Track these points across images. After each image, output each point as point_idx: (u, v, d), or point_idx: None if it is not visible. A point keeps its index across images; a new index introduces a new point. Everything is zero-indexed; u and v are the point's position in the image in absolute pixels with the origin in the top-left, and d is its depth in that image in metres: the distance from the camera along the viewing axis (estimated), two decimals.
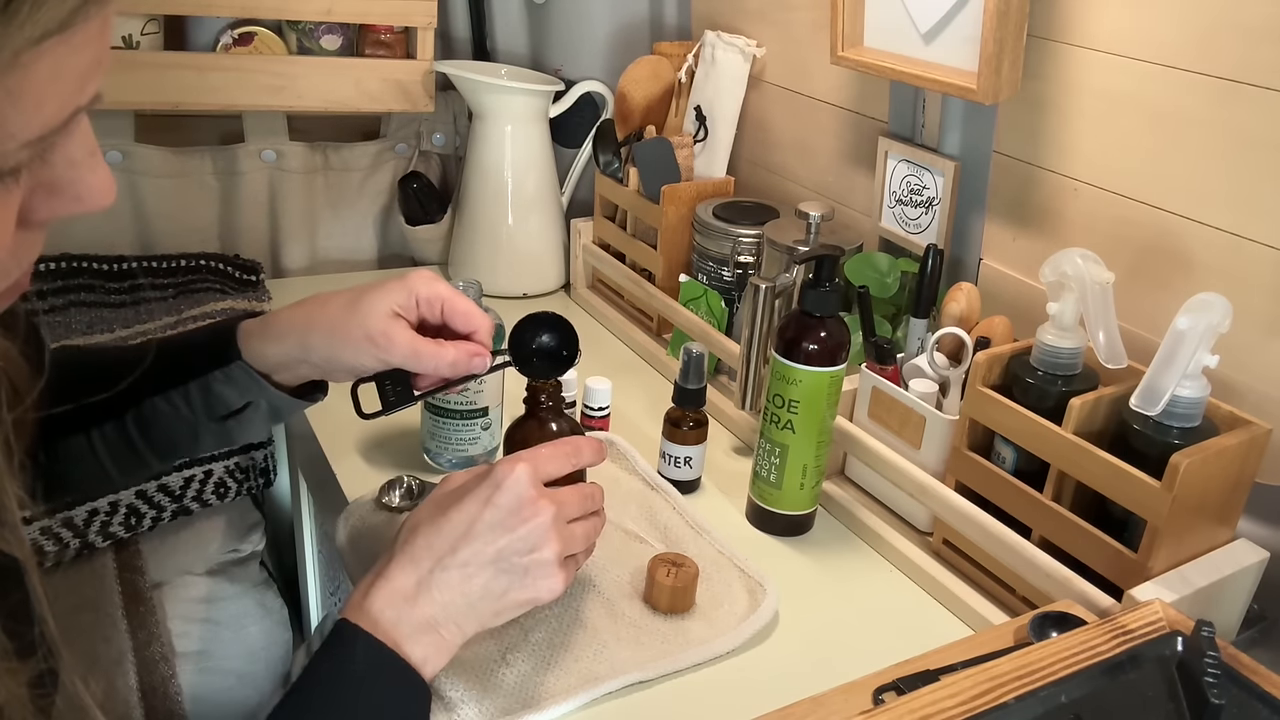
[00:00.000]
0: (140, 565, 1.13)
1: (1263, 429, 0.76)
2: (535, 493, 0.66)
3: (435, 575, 0.63)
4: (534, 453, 0.69)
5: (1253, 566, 0.78)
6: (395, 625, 0.62)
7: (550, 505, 0.67)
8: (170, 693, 1.10)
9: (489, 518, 0.65)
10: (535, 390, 0.78)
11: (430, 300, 0.74)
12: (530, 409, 0.78)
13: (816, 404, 0.87)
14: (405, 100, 1.40)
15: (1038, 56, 0.93)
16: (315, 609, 1.32)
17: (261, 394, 0.73)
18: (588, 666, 0.75)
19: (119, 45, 1.25)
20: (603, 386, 1.04)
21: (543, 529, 0.66)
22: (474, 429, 0.97)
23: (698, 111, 1.32)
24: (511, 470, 0.66)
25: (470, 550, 0.64)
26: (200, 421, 0.73)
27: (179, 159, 1.35)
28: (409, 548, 0.65)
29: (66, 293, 1.22)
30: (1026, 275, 1.00)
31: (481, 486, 0.66)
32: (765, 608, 0.81)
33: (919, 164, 1.06)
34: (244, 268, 1.30)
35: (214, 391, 0.72)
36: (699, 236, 1.20)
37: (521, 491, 0.66)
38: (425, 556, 0.64)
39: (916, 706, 0.59)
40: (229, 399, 0.73)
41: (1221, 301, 0.73)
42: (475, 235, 1.40)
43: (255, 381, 0.72)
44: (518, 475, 0.66)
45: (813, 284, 0.86)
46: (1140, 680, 0.65)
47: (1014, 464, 0.85)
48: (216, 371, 0.72)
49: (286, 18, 1.33)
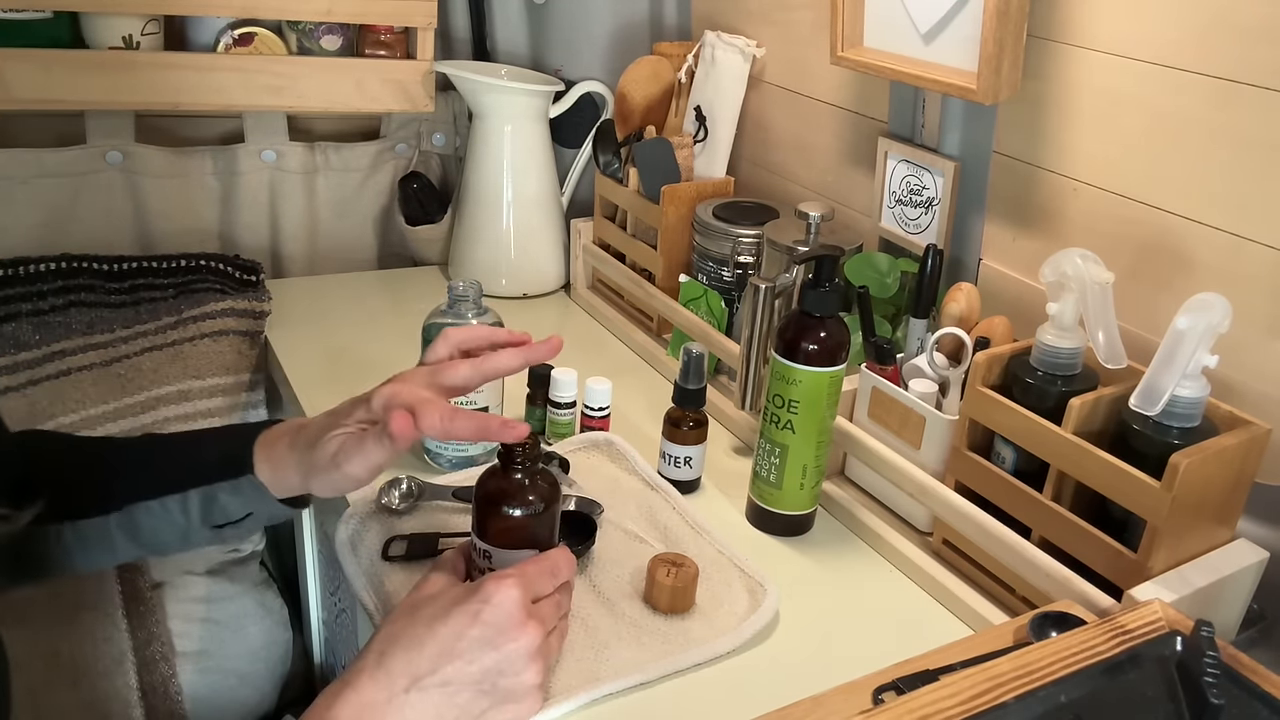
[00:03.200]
0: (140, 565, 1.13)
1: (1262, 429, 0.76)
2: (524, 614, 0.63)
3: (411, 695, 0.60)
4: (523, 571, 0.66)
5: (1252, 566, 0.78)
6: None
7: (540, 630, 0.64)
8: (170, 692, 1.10)
9: (476, 634, 0.62)
10: (510, 447, 0.73)
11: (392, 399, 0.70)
12: (505, 464, 0.74)
13: (816, 404, 0.87)
14: (405, 100, 1.40)
15: (1038, 56, 0.93)
16: (315, 609, 1.32)
17: (263, 506, 0.71)
18: (588, 667, 0.75)
19: (119, 45, 1.25)
20: (603, 387, 1.04)
21: (530, 652, 0.63)
22: None
23: (698, 111, 1.32)
24: (500, 588, 0.63)
25: (454, 669, 0.61)
26: (194, 528, 0.71)
27: (179, 159, 1.35)
28: (385, 660, 0.61)
29: (66, 293, 1.22)
30: (1026, 275, 1.00)
31: (470, 601, 0.63)
32: (765, 608, 0.81)
33: (919, 164, 1.06)
34: (244, 268, 1.30)
35: (217, 501, 0.70)
36: (699, 236, 1.20)
37: (512, 610, 0.63)
38: (402, 673, 0.60)
39: (916, 706, 0.59)
40: (231, 510, 0.71)
41: (1221, 301, 0.73)
42: (475, 235, 1.40)
43: (262, 495, 0.70)
44: (508, 593, 0.63)
45: (813, 284, 0.86)
46: (1140, 680, 0.65)
47: (1014, 464, 0.85)
48: (224, 483, 0.70)
49: (286, 18, 1.33)
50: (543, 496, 0.74)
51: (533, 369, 1.06)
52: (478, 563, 0.75)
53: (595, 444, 1.04)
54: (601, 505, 0.92)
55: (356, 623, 1.06)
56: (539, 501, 0.73)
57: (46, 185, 1.29)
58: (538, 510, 0.73)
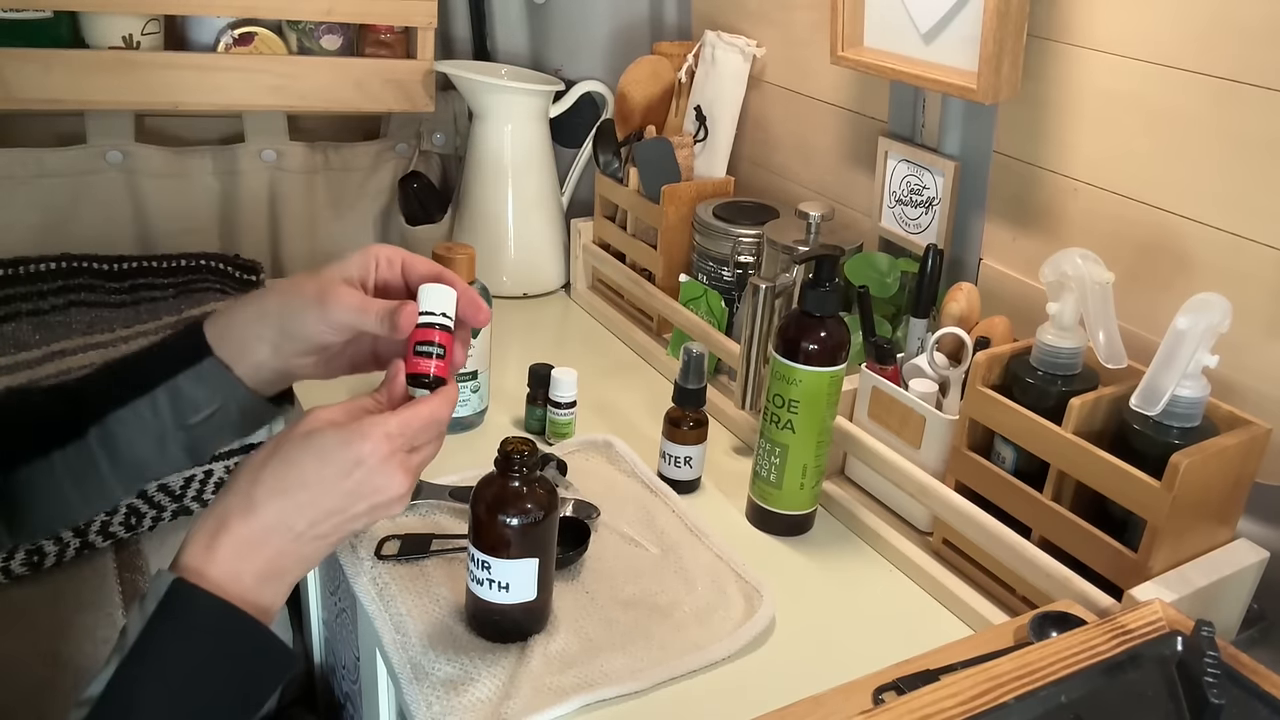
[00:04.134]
0: (140, 565, 1.13)
1: (1263, 429, 0.76)
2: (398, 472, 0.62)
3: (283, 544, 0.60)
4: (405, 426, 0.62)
5: (1253, 566, 0.78)
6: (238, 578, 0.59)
7: (410, 480, 0.63)
8: None
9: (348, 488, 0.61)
10: (509, 452, 0.74)
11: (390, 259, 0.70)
12: (502, 471, 0.74)
13: (816, 404, 0.87)
14: (405, 100, 1.40)
15: (1038, 56, 0.93)
16: (315, 609, 1.32)
17: (232, 395, 0.70)
18: (582, 672, 0.75)
19: (119, 45, 1.25)
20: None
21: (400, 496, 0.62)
22: (463, 391, 0.98)
23: (698, 111, 1.32)
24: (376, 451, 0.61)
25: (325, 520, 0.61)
26: (168, 430, 0.70)
27: (179, 159, 1.35)
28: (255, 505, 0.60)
29: (66, 293, 1.22)
30: (1026, 275, 1.00)
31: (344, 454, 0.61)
32: (761, 615, 0.81)
33: (919, 164, 1.06)
34: (244, 268, 1.30)
35: (183, 393, 0.69)
36: (699, 236, 1.20)
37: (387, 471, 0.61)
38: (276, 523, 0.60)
39: (916, 706, 0.59)
40: (198, 400, 0.70)
41: (1221, 301, 0.73)
42: (475, 235, 1.40)
43: (225, 379, 0.69)
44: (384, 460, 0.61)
45: (813, 284, 0.86)
46: (1140, 680, 0.65)
47: (1014, 464, 0.85)
48: (187, 371, 0.69)
49: (286, 18, 1.33)
50: (541, 504, 0.74)
51: (533, 369, 1.06)
52: (475, 573, 0.75)
53: (594, 446, 1.04)
54: (598, 509, 0.92)
55: (356, 622, 1.06)
56: (537, 509, 0.73)
57: (46, 185, 1.29)
58: (536, 518, 0.73)
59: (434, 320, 0.65)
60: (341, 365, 0.72)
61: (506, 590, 0.74)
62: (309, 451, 0.61)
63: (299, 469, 0.61)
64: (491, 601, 0.75)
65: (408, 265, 0.70)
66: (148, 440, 0.70)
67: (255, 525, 0.60)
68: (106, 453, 0.70)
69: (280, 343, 0.69)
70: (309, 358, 0.70)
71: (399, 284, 0.70)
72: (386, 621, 0.80)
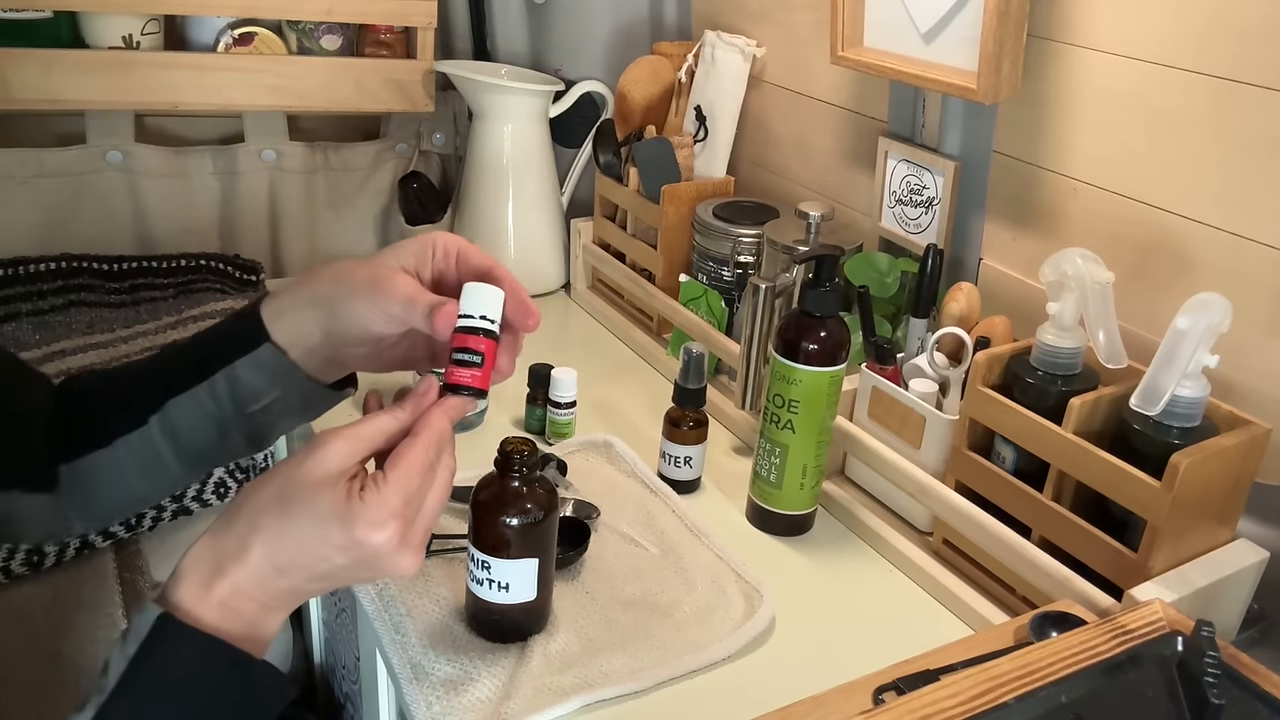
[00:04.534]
0: (140, 565, 1.13)
1: (1263, 429, 0.76)
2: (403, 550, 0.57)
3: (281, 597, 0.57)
4: (406, 498, 0.57)
5: (1253, 566, 0.78)
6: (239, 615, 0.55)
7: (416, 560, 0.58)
8: None
9: (346, 563, 0.57)
10: (509, 452, 0.73)
11: (447, 249, 0.67)
12: (502, 471, 0.74)
13: (816, 404, 0.87)
14: (405, 100, 1.40)
15: (1038, 56, 0.93)
16: (315, 608, 1.32)
17: (292, 382, 0.67)
18: (582, 672, 0.75)
19: (119, 45, 1.25)
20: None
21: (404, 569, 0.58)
22: None
23: (698, 111, 1.32)
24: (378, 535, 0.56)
25: (321, 583, 0.58)
26: (228, 418, 0.68)
27: (179, 159, 1.35)
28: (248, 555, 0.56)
29: (66, 293, 1.22)
30: (1026, 275, 1.00)
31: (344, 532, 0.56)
32: (761, 615, 0.81)
33: (919, 164, 1.06)
34: (244, 268, 1.30)
35: (241, 381, 0.67)
36: (699, 236, 1.20)
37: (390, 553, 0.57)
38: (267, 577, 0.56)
39: (916, 706, 0.59)
40: (258, 388, 0.67)
41: (1221, 301, 0.73)
42: (475, 235, 1.40)
43: (284, 365, 0.67)
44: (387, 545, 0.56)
45: (813, 284, 0.86)
46: (1140, 680, 0.65)
47: (1014, 464, 0.85)
48: (244, 357, 0.67)
49: (286, 18, 1.33)
50: (541, 504, 0.74)
51: (533, 369, 1.06)
52: (475, 573, 0.75)
53: (594, 446, 1.04)
54: (598, 509, 0.92)
55: (356, 622, 1.06)
56: (537, 510, 0.73)
57: (46, 185, 1.29)
58: (536, 518, 0.73)
59: (474, 324, 0.60)
60: (395, 359, 0.69)
61: (506, 590, 0.74)
62: (309, 516, 0.56)
63: (296, 535, 0.56)
64: (491, 601, 0.75)
65: (463, 256, 0.66)
66: (209, 428, 0.69)
67: (254, 572, 0.56)
68: (169, 441, 0.69)
69: (333, 329, 0.65)
70: (361, 348, 0.66)
71: (454, 276, 0.66)
72: (386, 621, 0.80)
